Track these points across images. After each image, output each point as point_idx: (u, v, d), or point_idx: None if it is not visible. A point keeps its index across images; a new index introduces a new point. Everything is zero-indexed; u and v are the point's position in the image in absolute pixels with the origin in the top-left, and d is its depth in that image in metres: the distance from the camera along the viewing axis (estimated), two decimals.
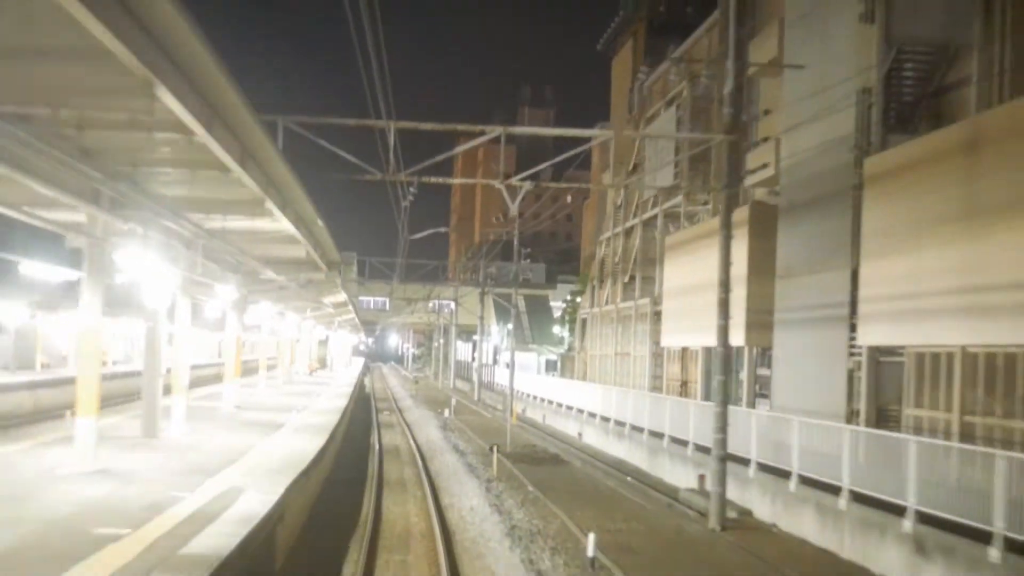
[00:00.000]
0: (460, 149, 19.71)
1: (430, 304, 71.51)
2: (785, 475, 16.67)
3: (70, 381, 37.61)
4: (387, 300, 76.25)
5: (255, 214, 15.56)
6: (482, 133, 16.64)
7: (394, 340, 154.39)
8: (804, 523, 15.87)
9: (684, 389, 30.17)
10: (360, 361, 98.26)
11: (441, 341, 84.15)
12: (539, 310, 75.79)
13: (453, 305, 66.87)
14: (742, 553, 14.49)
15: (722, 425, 16.94)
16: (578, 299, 53.94)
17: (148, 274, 14.42)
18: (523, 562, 13.04)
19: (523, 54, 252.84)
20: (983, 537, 11.31)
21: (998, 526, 11.10)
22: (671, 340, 29.84)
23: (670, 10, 53.53)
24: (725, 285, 17.07)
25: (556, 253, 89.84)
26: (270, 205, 14.77)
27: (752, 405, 23.31)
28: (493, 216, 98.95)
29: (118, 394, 31.51)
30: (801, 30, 20.52)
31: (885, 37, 17.42)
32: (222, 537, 9.21)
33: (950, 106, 17.09)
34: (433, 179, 17.37)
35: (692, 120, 30.90)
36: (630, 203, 38.14)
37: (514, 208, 19.35)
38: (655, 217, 34.50)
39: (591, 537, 13.15)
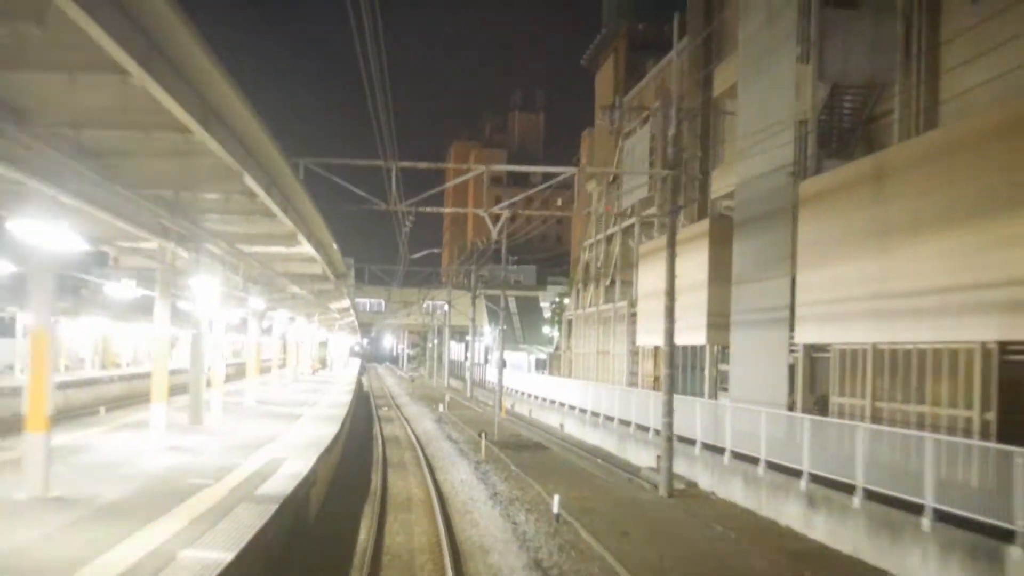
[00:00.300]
0: (449, 184, 23.26)
1: (424, 305, 74.20)
2: (723, 452, 19.87)
3: (93, 382, 41.15)
4: (382, 302, 79.19)
5: (288, 244, 19.09)
6: (469, 170, 20.14)
7: (389, 341, 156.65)
8: (734, 490, 19.16)
9: (656, 384, 32.69)
10: (357, 362, 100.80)
11: (435, 342, 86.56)
12: (529, 311, 78.58)
13: (447, 307, 69.62)
14: (680, 512, 17.92)
15: (669, 411, 20.35)
16: (565, 301, 56.02)
17: (202, 291, 17.86)
18: (502, 516, 16.52)
19: (517, 55, 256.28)
20: (851, 489, 14.62)
21: (859, 481, 14.49)
22: (645, 339, 32.31)
23: (649, 29, 56.76)
24: (670, 295, 20.44)
25: (547, 256, 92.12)
26: (300, 237, 18.30)
27: (714, 397, 25.92)
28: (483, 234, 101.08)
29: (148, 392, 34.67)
30: (753, 69, 23.25)
31: (819, 75, 19.82)
32: (279, 486, 12.70)
33: (880, 134, 19.51)
34: (429, 209, 20.84)
35: (664, 137, 33.82)
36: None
37: (495, 232, 22.84)
38: (633, 225, 36.81)
39: (556, 498, 16.57)
